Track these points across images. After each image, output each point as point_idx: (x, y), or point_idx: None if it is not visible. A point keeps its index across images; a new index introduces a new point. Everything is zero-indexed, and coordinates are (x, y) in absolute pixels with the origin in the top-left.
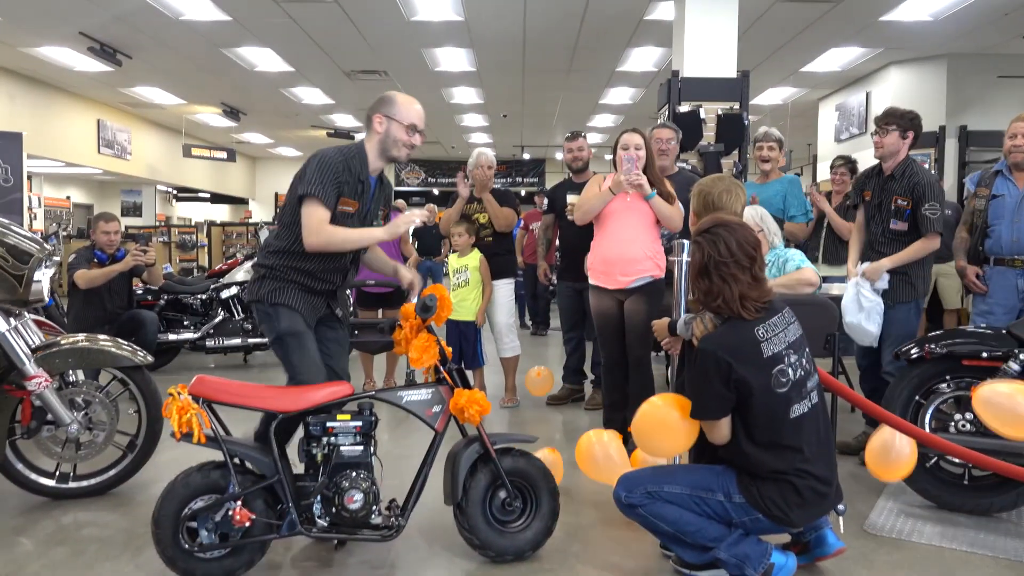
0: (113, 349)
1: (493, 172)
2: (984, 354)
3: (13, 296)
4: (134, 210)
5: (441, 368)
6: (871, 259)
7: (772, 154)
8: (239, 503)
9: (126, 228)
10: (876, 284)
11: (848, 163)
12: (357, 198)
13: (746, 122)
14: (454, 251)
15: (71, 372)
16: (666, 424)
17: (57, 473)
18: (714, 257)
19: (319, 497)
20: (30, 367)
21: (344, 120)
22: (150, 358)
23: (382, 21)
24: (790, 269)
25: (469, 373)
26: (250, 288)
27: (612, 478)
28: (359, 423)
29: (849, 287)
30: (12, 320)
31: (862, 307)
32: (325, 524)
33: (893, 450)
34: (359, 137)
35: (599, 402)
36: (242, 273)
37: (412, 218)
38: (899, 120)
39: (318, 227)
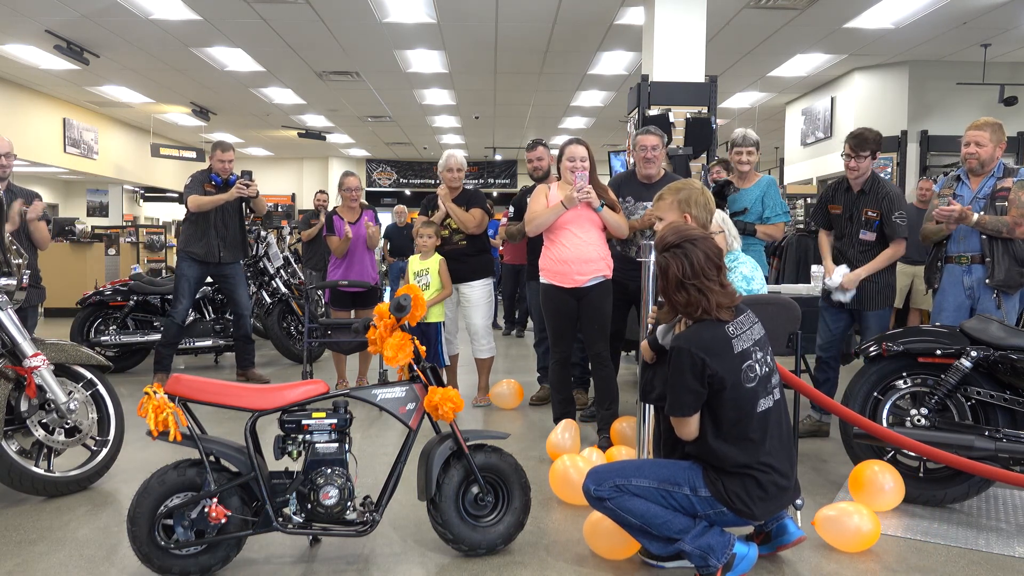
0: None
1: (460, 175)
2: (938, 351)
3: None
4: (100, 210)
5: (415, 366)
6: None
7: (751, 158)
8: (215, 500)
9: (92, 228)
10: (844, 296)
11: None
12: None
13: (714, 126)
14: (416, 252)
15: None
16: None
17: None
18: (688, 271)
19: (294, 493)
20: (30, 346)
21: (316, 120)
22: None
23: (354, 22)
24: (736, 278)
25: None
26: None
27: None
28: (334, 420)
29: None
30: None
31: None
32: (300, 520)
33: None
34: (330, 138)
35: (543, 397)
36: None
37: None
38: (873, 146)
39: None
